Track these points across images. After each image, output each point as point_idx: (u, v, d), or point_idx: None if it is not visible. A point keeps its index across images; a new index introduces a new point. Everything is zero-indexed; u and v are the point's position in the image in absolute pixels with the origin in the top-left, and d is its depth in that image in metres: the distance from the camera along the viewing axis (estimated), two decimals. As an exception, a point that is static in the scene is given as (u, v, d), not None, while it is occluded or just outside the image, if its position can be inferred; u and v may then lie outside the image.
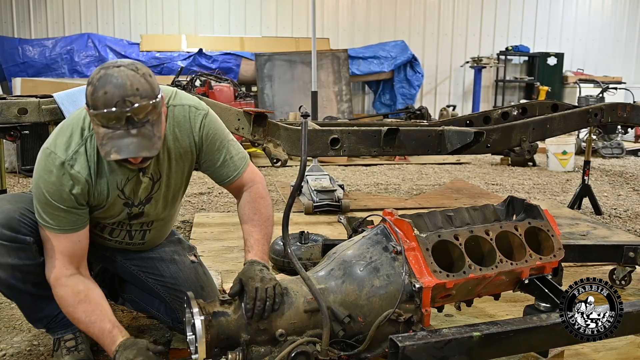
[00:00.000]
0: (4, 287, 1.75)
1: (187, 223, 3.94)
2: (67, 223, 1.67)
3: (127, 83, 1.47)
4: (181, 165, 1.83)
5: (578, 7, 11.95)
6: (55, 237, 1.68)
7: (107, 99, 1.46)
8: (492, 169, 6.76)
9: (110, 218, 1.81)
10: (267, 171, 6.34)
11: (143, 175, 1.73)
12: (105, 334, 1.66)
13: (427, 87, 11.31)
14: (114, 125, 1.48)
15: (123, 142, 1.49)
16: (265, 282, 1.62)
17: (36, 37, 9.53)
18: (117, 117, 1.47)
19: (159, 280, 2.00)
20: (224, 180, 1.90)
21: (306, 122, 1.65)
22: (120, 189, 1.73)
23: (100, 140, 1.50)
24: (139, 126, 1.50)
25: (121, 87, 1.46)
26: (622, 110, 3.53)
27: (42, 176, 1.63)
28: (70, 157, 1.63)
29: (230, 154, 1.87)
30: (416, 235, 1.68)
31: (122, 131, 1.49)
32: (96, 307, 1.69)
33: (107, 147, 1.50)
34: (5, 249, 1.67)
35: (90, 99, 1.49)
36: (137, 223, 1.88)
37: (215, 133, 1.83)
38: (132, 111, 1.47)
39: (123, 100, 1.46)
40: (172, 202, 1.92)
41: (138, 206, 1.80)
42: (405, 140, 3.07)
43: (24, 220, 1.70)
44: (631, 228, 3.97)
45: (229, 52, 9.32)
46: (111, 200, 1.74)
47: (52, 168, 1.62)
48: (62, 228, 1.67)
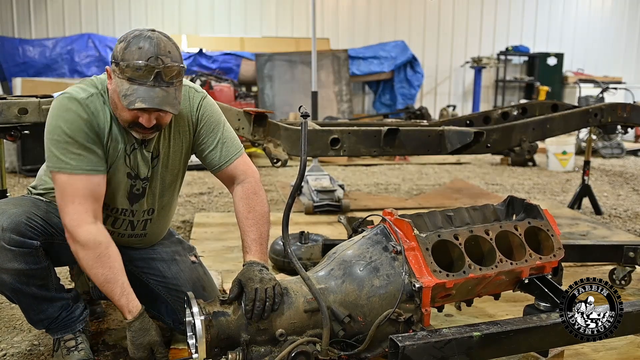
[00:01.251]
0: (8, 290, 1.75)
1: (187, 223, 3.94)
2: (88, 162, 1.66)
3: (161, 44, 1.58)
4: (179, 145, 1.87)
5: (578, 7, 11.95)
6: (76, 179, 1.65)
7: (141, 53, 1.55)
8: (492, 169, 6.76)
9: (114, 190, 1.80)
10: (267, 171, 6.35)
11: (145, 149, 1.78)
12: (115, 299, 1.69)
13: (427, 87, 11.31)
14: (142, 80, 1.56)
15: (149, 94, 1.57)
16: (265, 282, 1.62)
17: (36, 37, 9.52)
18: (147, 70, 1.55)
19: (160, 281, 2.00)
20: (216, 166, 1.91)
21: (306, 122, 1.65)
22: (128, 153, 1.76)
23: (125, 92, 1.56)
24: (165, 86, 1.59)
25: (156, 45, 1.57)
26: (622, 110, 3.53)
27: (61, 115, 1.64)
28: (86, 97, 1.67)
29: (225, 138, 1.91)
30: (416, 235, 1.68)
31: (148, 86, 1.57)
32: (114, 264, 1.68)
33: (131, 97, 1.56)
34: (13, 254, 1.66)
35: (121, 53, 1.57)
36: (140, 211, 1.88)
37: (212, 115, 1.89)
38: (163, 69, 1.57)
39: (156, 56, 1.56)
40: (171, 186, 1.94)
41: (143, 180, 1.82)
42: (406, 140, 3.07)
43: (30, 224, 1.70)
44: (631, 228, 3.97)
45: (229, 52, 9.32)
46: (119, 159, 1.76)
47: (69, 105, 1.65)
48: (83, 168, 1.65)
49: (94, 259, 1.65)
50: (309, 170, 4.83)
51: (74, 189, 1.65)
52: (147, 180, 1.84)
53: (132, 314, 1.69)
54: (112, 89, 1.65)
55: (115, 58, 1.59)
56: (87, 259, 1.66)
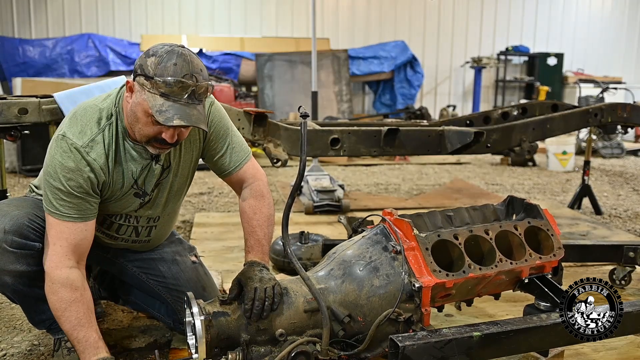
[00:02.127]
0: (10, 292, 1.75)
1: (188, 223, 3.94)
2: (77, 211, 1.65)
3: (194, 62, 1.58)
4: (190, 154, 1.86)
5: (578, 7, 11.95)
6: (63, 225, 1.64)
7: (176, 70, 1.54)
8: (492, 169, 6.76)
9: (121, 209, 1.80)
10: (267, 171, 6.29)
11: (156, 164, 1.76)
12: (90, 342, 1.62)
13: (427, 87, 11.31)
14: (177, 96, 1.55)
15: (185, 112, 1.55)
16: (265, 282, 1.62)
17: (36, 37, 9.52)
18: (183, 88, 1.54)
19: (160, 282, 2.00)
20: (225, 171, 1.91)
21: (306, 122, 1.65)
22: (135, 179, 1.74)
23: (159, 107, 1.54)
24: (197, 103, 1.59)
25: (190, 63, 1.56)
26: (622, 110, 3.53)
27: (60, 161, 1.61)
28: (86, 144, 1.63)
29: (234, 144, 1.90)
30: (416, 234, 1.68)
31: (183, 103, 1.55)
32: (88, 311, 1.65)
33: (168, 113, 1.54)
34: (15, 256, 1.66)
35: (154, 68, 1.54)
36: (144, 217, 1.88)
37: (220, 121, 1.87)
38: (197, 87, 1.57)
39: (191, 74, 1.55)
40: (177, 195, 1.93)
41: (150, 194, 1.81)
42: (406, 140, 3.07)
43: (32, 225, 1.70)
44: (631, 228, 3.97)
45: (229, 52, 9.32)
46: (125, 190, 1.74)
47: (69, 153, 1.61)
48: (71, 216, 1.64)
49: (68, 302, 1.61)
50: (309, 170, 4.83)
51: (58, 231, 1.64)
52: (156, 186, 1.83)
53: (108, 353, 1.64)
54: (136, 102, 1.58)
55: (146, 71, 1.55)
56: (60, 302, 1.61)
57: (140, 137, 1.64)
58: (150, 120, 1.58)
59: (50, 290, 1.63)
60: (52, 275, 1.63)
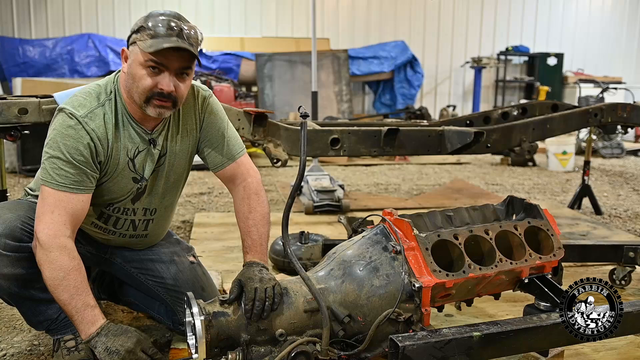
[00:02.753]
0: (6, 295, 1.75)
1: (187, 223, 3.94)
2: (75, 182, 1.65)
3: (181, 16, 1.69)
4: (186, 144, 1.88)
5: (578, 7, 11.95)
6: (59, 194, 1.63)
7: (164, 13, 1.66)
8: (492, 169, 6.76)
9: (118, 194, 1.81)
10: (267, 171, 6.35)
11: (154, 148, 1.79)
12: (87, 310, 1.61)
13: (427, 87, 11.31)
14: (166, 36, 1.61)
15: (173, 39, 1.61)
16: (264, 282, 1.62)
17: (36, 37, 9.52)
18: (170, 28, 1.61)
19: (159, 282, 2.00)
20: (218, 165, 1.92)
21: (306, 122, 1.65)
22: (131, 157, 1.76)
23: (150, 44, 1.61)
24: (187, 44, 1.63)
25: (178, 15, 1.68)
26: (622, 110, 3.53)
27: (60, 131, 1.65)
28: (85, 115, 1.68)
29: (228, 137, 1.93)
30: (416, 235, 1.68)
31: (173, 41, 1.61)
32: (84, 279, 1.63)
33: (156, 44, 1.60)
34: (9, 259, 1.66)
35: (142, 21, 1.65)
36: (141, 210, 1.88)
37: (217, 114, 1.91)
38: (186, 28, 1.64)
39: (178, 18, 1.66)
40: (174, 187, 1.94)
41: (147, 179, 1.83)
42: (406, 140, 3.07)
43: (26, 228, 1.70)
44: (631, 228, 3.97)
45: (229, 52, 9.31)
46: (120, 168, 1.76)
47: (69, 122, 1.65)
48: (69, 186, 1.64)
49: (67, 270, 1.59)
50: (309, 170, 4.83)
51: (56, 200, 1.63)
52: (151, 179, 1.84)
53: (95, 326, 1.63)
54: (131, 61, 1.67)
55: (136, 27, 1.66)
56: (59, 270, 1.59)
57: (139, 96, 1.67)
58: (146, 72, 1.64)
59: (47, 259, 1.59)
60: (50, 243, 1.59)
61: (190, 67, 1.70)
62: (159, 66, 1.64)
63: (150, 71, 1.64)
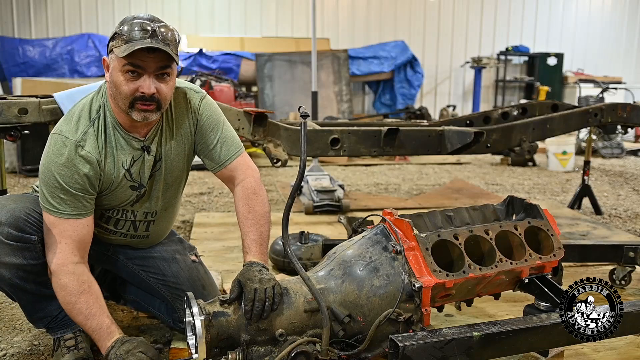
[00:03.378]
0: (7, 285, 1.75)
1: (187, 223, 3.94)
2: (75, 208, 1.68)
3: (155, 18, 1.68)
4: (182, 146, 1.88)
5: (578, 7, 11.95)
6: (63, 222, 1.68)
7: (137, 17, 1.65)
8: (492, 169, 6.76)
9: (118, 202, 1.82)
10: (267, 171, 6.35)
11: (148, 154, 1.79)
12: (103, 328, 1.67)
13: (427, 87, 11.31)
14: (139, 37, 1.60)
15: (146, 40, 1.60)
16: (264, 282, 1.62)
17: (36, 37, 9.52)
18: (143, 30, 1.60)
19: (160, 280, 2.01)
20: (216, 165, 1.92)
21: (305, 122, 1.65)
22: (127, 168, 1.76)
23: (124, 49, 1.60)
24: (163, 45, 1.61)
25: (150, 16, 1.67)
26: (622, 110, 3.53)
27: (54, 160, 1.66)
28: (80, 139, 1.68)
29: (225, 137, 1.91)
30: (416, 235, 1.68)
31: (147, 43, 1.59)
32: (97, 300, 1.70)
33: (130, 48, 1.59)
34: (11, 248, 1.67)
35: (118, 25, 1.66)
36: (141, 212, 1.89)
37: (211, 114, 1.90)
38: (158, 28, 1.62)
39: (151, 20, 1.65)
40: (172, 189, 1.94)
41: (145, 186, 1.83)
42: (406, 140, 3.07)
43: (29, 219, 1.71)
44: (631, 228, 3.97)
45: (229, 52, 9.31)
46: (118, 181, 1.76)
47: (63, 151, 1.66)
48: (70, 213, 1.68)
49: (77, 294, 1.67)
50: (309, 170, 4.83)
51: (61, 230, 1.68)
52: (149, 184, 1.85)
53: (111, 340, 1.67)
54: (112, 69, 1.67)
55: (112, 35, 1.67)
56: (70, 295, 1.67)
57: (123, 102, 1.67)
58: (124, 78, 1.64)
59: (58, 286, 1.68)
60: (59, 272, 1.67)
61: (170, 67, 1.68)
62: (137, 69, 1.63)
63: (129, 76, 1.63)
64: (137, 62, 1.62)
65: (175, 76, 1.74)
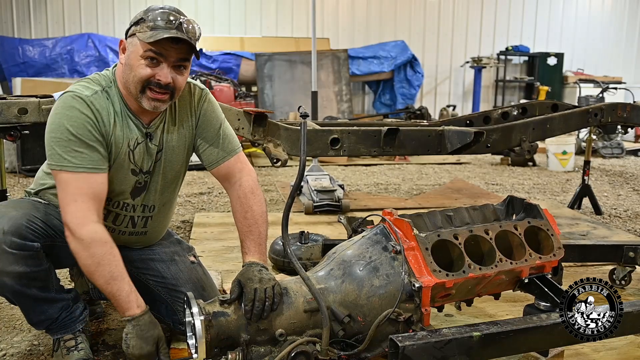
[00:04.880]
0: (9, 293, 1.74)
1: (187, 223, 3.94)
2: (90, 161, 1.67)
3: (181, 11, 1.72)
4: (183, 139, 1.89)
5: (578, 7, 11.95)
6: (79, 178, 1.64)
7: (164, 7, 1.68)
8: (492, 169, 6.76)
9: (117, 187, 1.81)
10: (267, 171, 6.35)
11: (150, 142, 1.80)
12: (122, 296, 1.65)
13: (427, 87, 11.31)
14: (166, 28, 1.63)
15: (172, 31, 1.63)
16: (264, 282, 1.62)
17: (36, 37, 9.52)
18: (170, 21, 1.64)
19: (159, 282, 2.00)
20: (213, 162, 1.93)
21: (305, 122, 1.65)
22: (131, 149, 1.77)
23: (150, 35, 1.63)
24: (187, 37, 1.65)
25: (177, 9, 1.71)
26: (622, 110, 3.53)
27: (65, 113, 1.66)
28: (90, 95, 1.70)
29: (224, 134, 1.94)
30: (415, 234, 1.68)
31: (172, 33, 1.63)
32: (119, 263, 1.66)
33: (156, 35, 1.62)
34: (14, 257, 1.65)
35: (142, 14, 1.68)
36: (140, 206, 1.89)
37: (213, 111, 1.93)
38: (185, 21, 1.67)
39: (178, 12, 1.69)
40: (172, 183, 1.95)
41: (145, 174, 1.84)
42: (405, 140, 3.07)
43: (31, 226, 1.70)
44: (631, 228, 3.97)
45: (229, 52, 9.31)
46: (122, 157, 1.77)
47: (73, 103, 1.67)
48: (86, 167, 1.65)
49: (100, 256, 1.62)
50: (309, 170, 4.83)
51: (76, 187, 1.64)
52: (150, 173, 1.86)
53: (140, 308, 1.69)
54: (129, 52, 1.69)
55: (135, 20, 1.69)
56: (92, 257, 1.61)
57: (134, 86, 1.69)
58: (144, 63, 1.66)
59: (80, 248, 1.62)
60: (80, 232, 1.61)
61: (188, 60, 1.72)
62: (157, 57, 1.66)
63: (148, 62, 1.67)
64: (160, 50, 1.65)
65: (189, 69, 1.78)
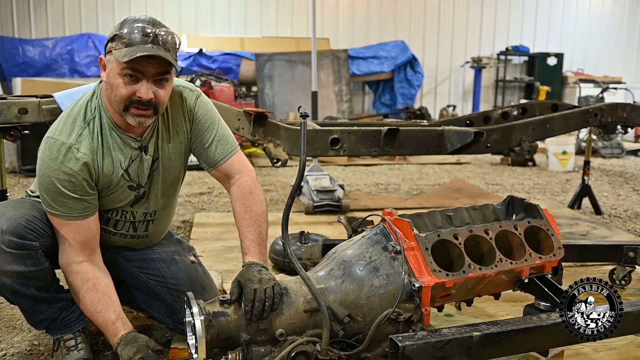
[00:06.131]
0: (8, 292, 1.75)
1: (187, 223, 3.94)
2: (76, 210, 1.70)
3: (156, 21, 1.67)
4: (178, 145, 1.88)
5: (578, 7, 11.95)
6: (66, 224, 1.71)
7: (139, 19, 1.64)
8: (492, 169, 6.76)
9: (116, 203, 1.82)
10: (267, 171, 6.35)
11: (145, 154, 1.79)
12: (108, 325, 1.71)
13: (427, 87, 11.31)
14: (140, 44, 1.58)
15: (147, 46, 1.59)
16: (264, 282, 1.62)
17: (36, 37, 9.52)
18: (145, 34, 1.59)
19: (160, 281, 2.00)
20: (211, 163, 1.92)
21: (305, 122, 1.65)
22: (125, 169, 1.76)
23: (125, 53, 1.58)
24: (163, 50, 1.61)
25: (151, 20, 1.66)
26: (622, 110, 3.53)
27: (50, 165, 1.65)
28: (75, 141, 1.68)
29: (220, 136, 1.92)
30: (415, 234, 1.68)
31: (147, 48, 1.59)
32: (103, 297, 1.73)
33: (131, 53, 1.58)
34: (12, 256, 1.66)
35: (117, 29, 1.63)
36: (141, 213, 1.89)
37: (207, 113, 1.91)
38: (159, 31, 1.62)
39: (153, 24, 1.64)
40: (171, 188, 1.94)
41: (144, 186, 1.84)
42: (405, 140, 3.07)
43: (29, 226, 1.70)
44: (631, 228, 3.97)
45: (229, 52, 9.31)
46: (116, 181, 1.76)
47: (58, 155, 1.66)
48: (72, 215, 1.70)
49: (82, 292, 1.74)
50: (309, 170, 4.83)
51: (65, 232, 1.72)
52: (148, 183, 1.85)
53: (127, 330, 1.72)
54: (109, 70, 1.65)
55: (111, 35, 1.64)
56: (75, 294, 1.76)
57: (117, 105, 1.67)
58: (122, 81, 1.63)
59: (68, 283, 1.77)
60: (65, 271, 1.76)
61: (169, 72, 1.67)
62: (135, 74, 1.62)
63: (127, 79, 1.63)
64: (136, 67, 1.61)
65: (172, 81, 1.74)
